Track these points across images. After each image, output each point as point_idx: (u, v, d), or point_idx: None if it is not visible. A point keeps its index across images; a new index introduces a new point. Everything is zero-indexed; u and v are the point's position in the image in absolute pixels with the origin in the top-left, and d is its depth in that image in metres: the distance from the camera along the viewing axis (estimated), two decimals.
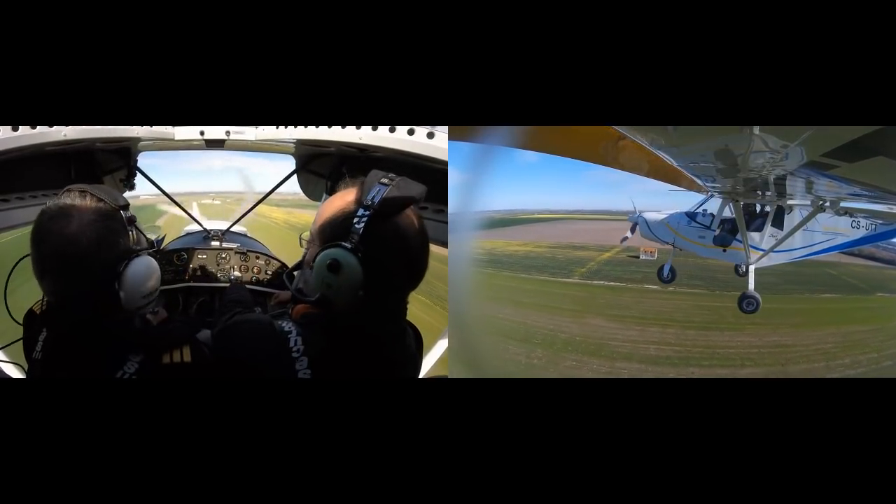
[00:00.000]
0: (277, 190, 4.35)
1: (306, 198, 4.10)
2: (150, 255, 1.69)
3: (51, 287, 1.58)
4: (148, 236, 1.77)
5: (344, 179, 1.65)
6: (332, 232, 1.54)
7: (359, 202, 1.52)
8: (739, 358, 9.68)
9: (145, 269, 1.65)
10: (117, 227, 1.61)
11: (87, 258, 1.53)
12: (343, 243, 1.50)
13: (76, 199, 1.58)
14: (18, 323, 1.75)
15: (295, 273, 1.75)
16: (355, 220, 1.50)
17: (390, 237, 1.52)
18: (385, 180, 1.54)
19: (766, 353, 9.83)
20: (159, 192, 4.23)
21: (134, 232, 1.67)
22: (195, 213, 5.42)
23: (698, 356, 9.81)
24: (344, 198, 1.58)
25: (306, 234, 1.69)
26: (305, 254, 1.65)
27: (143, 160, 3.82)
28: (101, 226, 1.56)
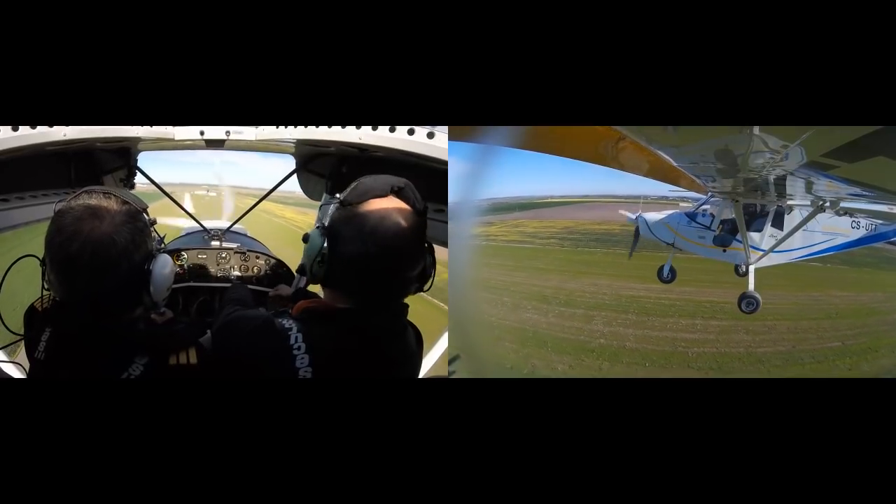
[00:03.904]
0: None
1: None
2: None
3: (76, 287, 1.56)
4: (159, 235, 1.79)
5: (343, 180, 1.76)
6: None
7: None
8: None
9: (167, 265, 1.69)
10: (143, 227, 1.64)
11: (122, 258, 1.55)
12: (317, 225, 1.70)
13: (102, 200, 1.59)
14: (10, 330, 1.74)
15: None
16: (330, 207, 1.70)
17: (350, 220, 1.65)
18: (365, 178, 1.70)
19: None
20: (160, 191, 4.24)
21: (152, 232, 1.71)
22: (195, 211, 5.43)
23: None
24: None
25: None
26: None
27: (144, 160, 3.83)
28: (133, 227, 1.59)
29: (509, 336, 11.06)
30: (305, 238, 1.71)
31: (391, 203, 1.65)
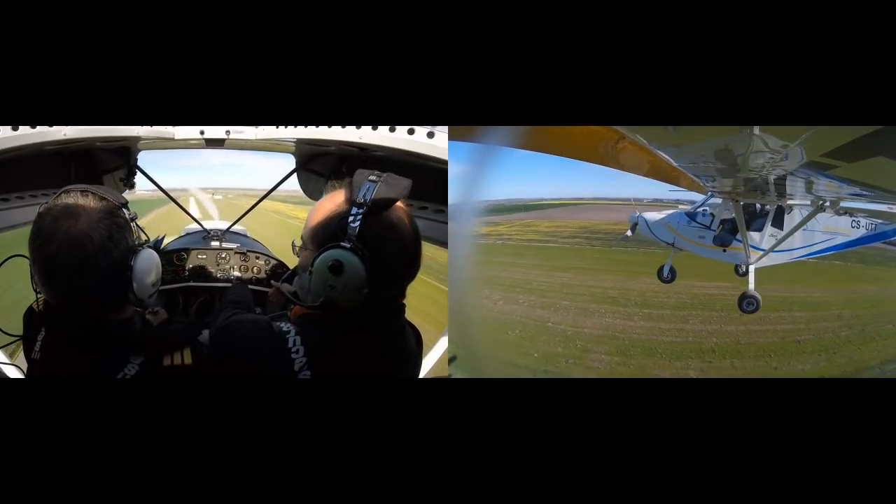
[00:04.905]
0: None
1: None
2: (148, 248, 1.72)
3: (58, 287, 1.57)
4: (146, 233, 1.78)
5: (330, 182, 1.65)
6: (326, 234, 1.54)
7: (350, 201, 1.53)
8: None
9: (150, 260, 1.68)
10: (122, 223, 1.63)
11: (100, 255, 1.54)
12: (342, 244, 1.50)
13: (79, 198, 1.59)
14: (5, 332, 1.74)
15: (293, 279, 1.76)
16: (350, 219, 1.50)
17: (387, 232, 1.53)
18: (373, 178, 1.55)
19: None
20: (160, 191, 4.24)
21: (134, 228, 1.69)
22: (195, 211, 5.43)
23: None
24: (334, 199, 1.58)
25: (299, 241, 1.69)
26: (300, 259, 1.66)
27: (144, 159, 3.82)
28: (109, 223, 1.58)
29: (597, 346, 10.39)
30: (337, 268, 1.48)
31: (404, 203, 1.61)
